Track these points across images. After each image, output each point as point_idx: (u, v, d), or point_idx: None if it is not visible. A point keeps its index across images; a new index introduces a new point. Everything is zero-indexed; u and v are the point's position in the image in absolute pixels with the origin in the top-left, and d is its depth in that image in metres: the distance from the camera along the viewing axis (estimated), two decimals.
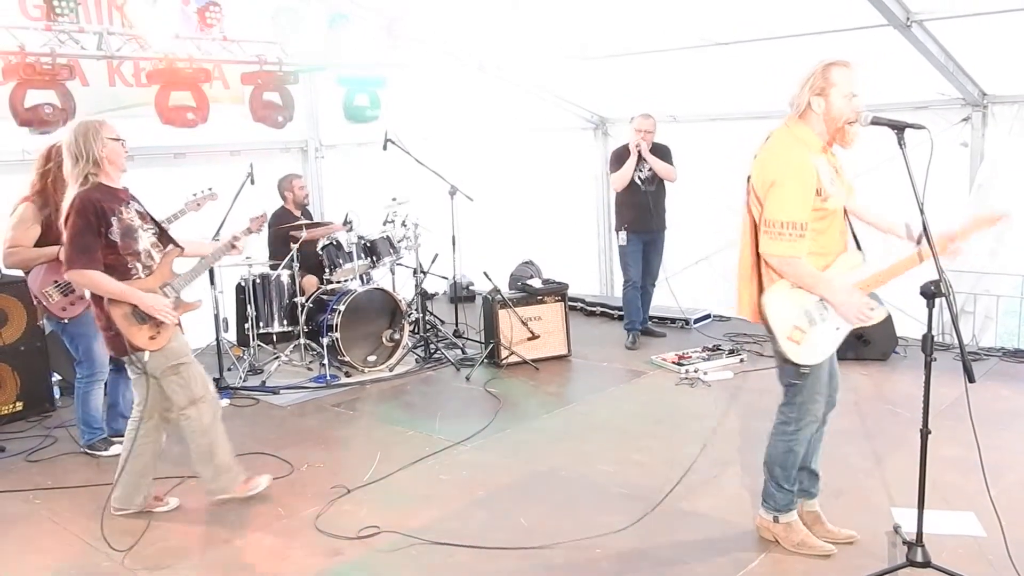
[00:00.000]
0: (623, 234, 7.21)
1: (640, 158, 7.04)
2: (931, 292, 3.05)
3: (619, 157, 7.19)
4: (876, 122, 3.22)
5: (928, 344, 3.11)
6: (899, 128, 3.18)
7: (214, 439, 4.21)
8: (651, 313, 7.66)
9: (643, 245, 7.24)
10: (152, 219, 4.18)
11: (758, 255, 3.39)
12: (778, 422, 3.59)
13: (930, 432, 3.19)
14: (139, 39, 5.78)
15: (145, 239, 4.06)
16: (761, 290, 3.42)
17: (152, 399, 4.14)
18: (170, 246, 4.22)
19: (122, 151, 4.03)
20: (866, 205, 3.60)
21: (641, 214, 7.14)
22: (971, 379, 2.96)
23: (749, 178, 3.44)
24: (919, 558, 3.24)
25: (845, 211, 3.46)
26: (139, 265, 4.01)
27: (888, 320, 6.37)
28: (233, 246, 4.44)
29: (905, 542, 3.36)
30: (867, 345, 6.37)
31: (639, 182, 7.11)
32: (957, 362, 3.00)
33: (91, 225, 3.84)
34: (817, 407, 3.49)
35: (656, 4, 6.23)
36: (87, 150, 3.88)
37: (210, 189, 4.69)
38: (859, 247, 3.50)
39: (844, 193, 3.42)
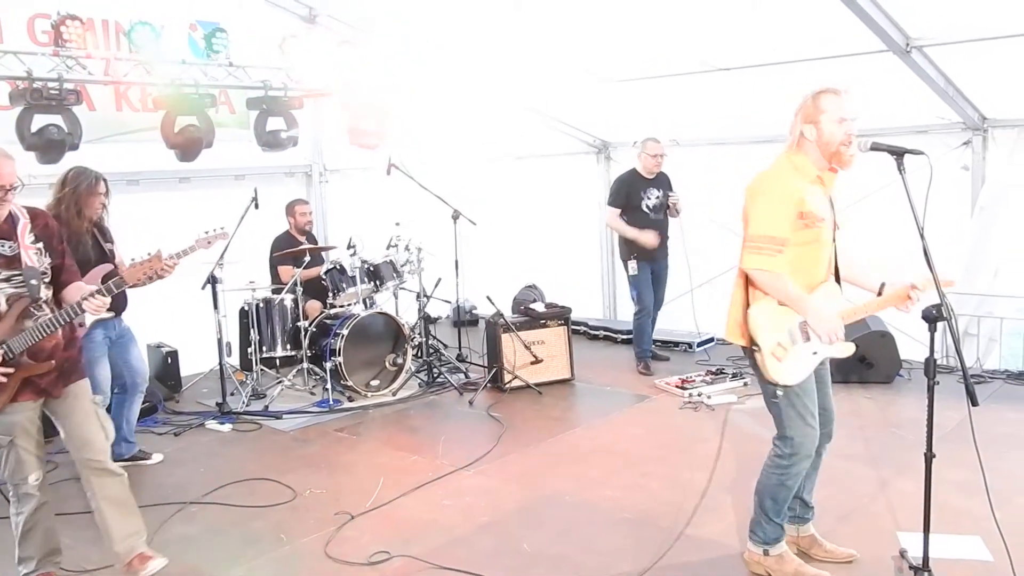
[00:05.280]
0: (633, 263, 7.15)
1: (649, 184, 7.06)
2: (933, 316, 3.06)
3: (623, 184, 7.13)
4: (876, 148, 3.25)
5: (930, 368, 3.11)
6: (898, 154, 3.21)
7: (34, 527, 3.57)
8: (654, 337, 7.66)
9: (651, 273, 7.23)
10: (18, 263, 3.36)
11: (746, 276, 3.43)
12: (772, 454, 3.54)
13: (934, 456, 3.19)
14: (145, 65, 5.84)
15: None
16: (748, 307, 3.43)
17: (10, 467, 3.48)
18: (15, 293, 3.36)
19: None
20: (851, 259, 3.61)
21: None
22: (974, 402, 2.97)
23: None
24: None
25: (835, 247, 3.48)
26: None
27: (891, 343, 6.37)
28: (83, 307, 3.40)
29: (912, 567, 3.33)
30: (871, 368, 6.35)
31: (648, 210, 7.10)
32: (961, 385, 3.00)
33: None
34: (810, 441, 3.45)
35: (659, 29, 6.28)
36: None
37: (222, 228, 4.62)
38: (838, 282, 3.53)
39: (831, 228, 3.43)
